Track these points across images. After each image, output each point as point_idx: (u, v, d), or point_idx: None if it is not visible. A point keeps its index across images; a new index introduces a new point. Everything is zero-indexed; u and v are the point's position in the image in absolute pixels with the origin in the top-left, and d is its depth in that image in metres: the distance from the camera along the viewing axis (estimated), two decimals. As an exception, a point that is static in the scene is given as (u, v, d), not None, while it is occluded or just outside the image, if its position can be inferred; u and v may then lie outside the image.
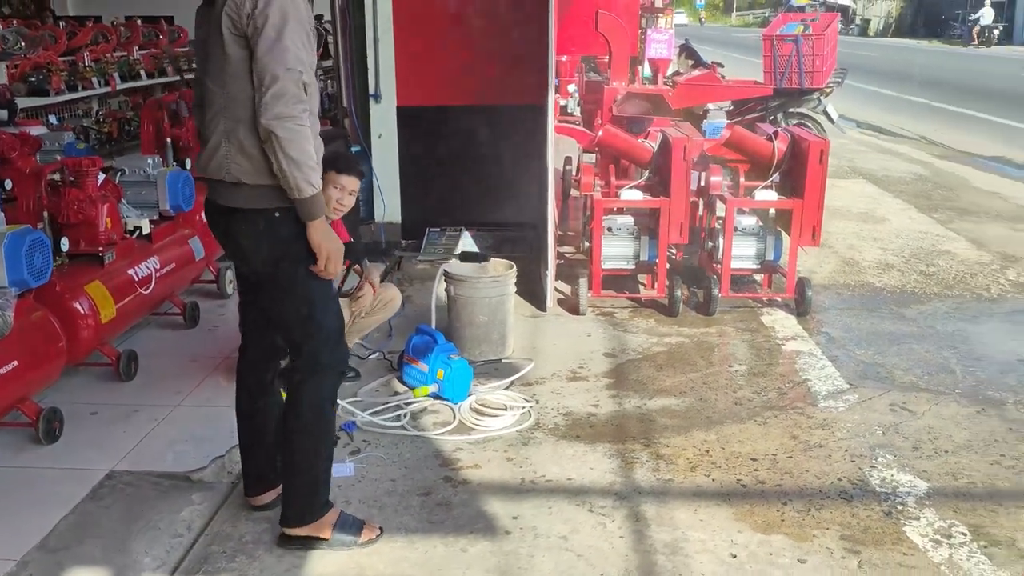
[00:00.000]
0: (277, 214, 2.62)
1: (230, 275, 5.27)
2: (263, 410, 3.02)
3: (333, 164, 3.40)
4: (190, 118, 5.25)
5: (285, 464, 2.92)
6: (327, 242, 2.63)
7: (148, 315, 4.68)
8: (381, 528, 2.98)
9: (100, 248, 4.06)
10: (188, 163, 5.21)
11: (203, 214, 4.94)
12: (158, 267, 4.42)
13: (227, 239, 2.76)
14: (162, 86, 8.99)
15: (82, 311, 3.87)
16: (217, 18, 2.54)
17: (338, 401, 3.10)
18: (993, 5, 39.48)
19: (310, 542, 2.88)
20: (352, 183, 3.54)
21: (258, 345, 3.00)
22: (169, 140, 5.19)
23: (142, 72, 8.79)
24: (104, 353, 4.06)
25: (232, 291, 5.27)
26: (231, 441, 3.54)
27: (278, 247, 2.65)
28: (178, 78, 8.36)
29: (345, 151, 4.23)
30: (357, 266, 4.00)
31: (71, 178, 4.08)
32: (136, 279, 4.25)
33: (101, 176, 4.17)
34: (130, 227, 4.37)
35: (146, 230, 4.43)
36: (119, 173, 4.53)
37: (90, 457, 3.47)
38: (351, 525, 2.93)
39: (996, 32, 28.63)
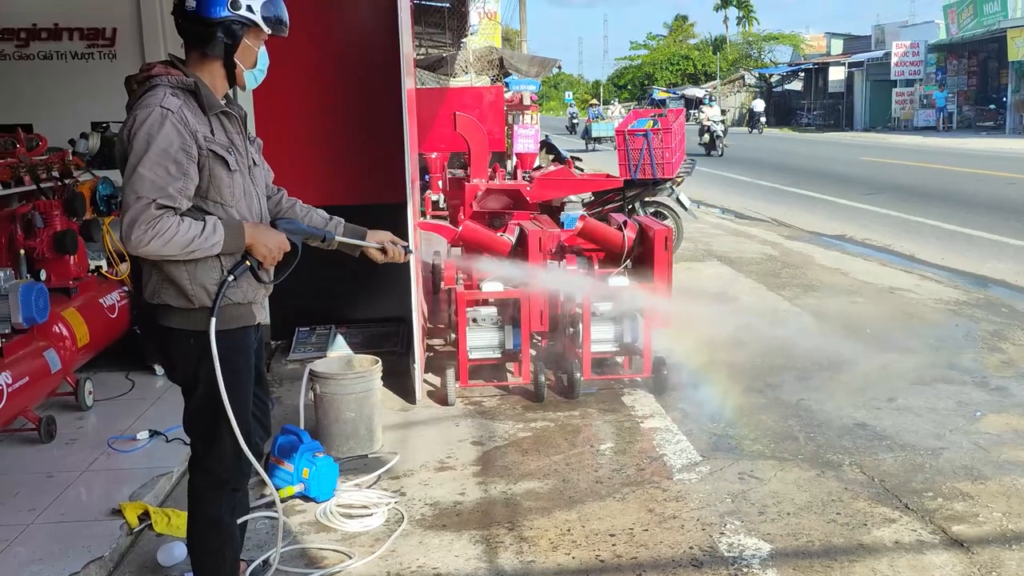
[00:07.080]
0: (205, 333, 2.70)
1: (89, 386, 5.15)
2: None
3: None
4: (45, 229, 5.19)
5: (192, 565, 2.98)
6: (266, 245, 2.74)
7: (0, 432, 4.53)
8: None
9: (-56, 366, 3.95)
10: (43, 274, 5.13)
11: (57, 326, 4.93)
12: (9, 382, 4.30)
13: (160, 352, 2.92)
14: (19, 196, 8.75)
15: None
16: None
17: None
18: (834, 96, 43.24)
19: None
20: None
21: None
22: (23, 251, 5.10)
23: (-4, 182, 8.55)
24: (-52, 474, 3.90)
25: (91, 403, 5.15)
26: (88, 556, 3.46)
27: (204, 363, 2.72)
28: (35, 187, 8.18)
29: None
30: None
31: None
32: (-16, 395, 4.12)
33: (-52, 291, 4.09)
34: (-22, 342, 4.27)
35: (-4, 345, 4.33)
36: (-33, 288, 4.44)
37: (-68, 586, 3.32)
38: None
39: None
